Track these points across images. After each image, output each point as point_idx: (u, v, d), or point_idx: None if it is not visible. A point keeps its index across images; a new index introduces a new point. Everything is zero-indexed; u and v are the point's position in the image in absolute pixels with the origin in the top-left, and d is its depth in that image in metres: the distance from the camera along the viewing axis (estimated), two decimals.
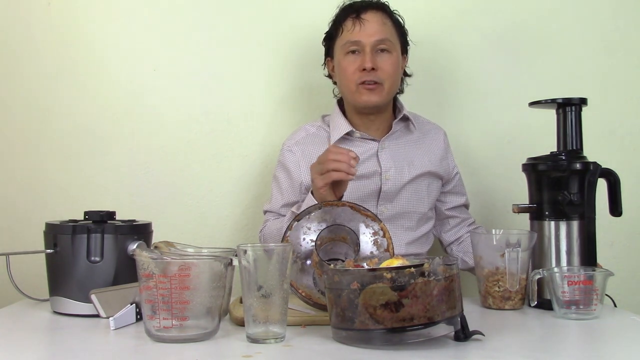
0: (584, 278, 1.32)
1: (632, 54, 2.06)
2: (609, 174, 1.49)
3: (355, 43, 1.67)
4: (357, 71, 1.66)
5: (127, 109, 1.98)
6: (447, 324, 1.06)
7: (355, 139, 1.73)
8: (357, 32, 1.67)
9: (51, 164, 1.97)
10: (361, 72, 1.66)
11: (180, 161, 1.99)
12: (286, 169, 1.74)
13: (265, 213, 1.78)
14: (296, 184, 1.72)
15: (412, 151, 1.75)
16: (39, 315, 1.35)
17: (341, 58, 1.70)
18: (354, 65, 1.67)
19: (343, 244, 1.31)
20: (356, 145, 1.71)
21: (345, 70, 1.69)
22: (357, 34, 1.67)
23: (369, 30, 1.67)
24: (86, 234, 1.33)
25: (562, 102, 1.51)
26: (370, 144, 1.73)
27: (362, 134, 1.72)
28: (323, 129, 1.77)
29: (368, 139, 1.73)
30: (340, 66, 1.70)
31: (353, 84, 1.67)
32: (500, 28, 2.05)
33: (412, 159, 1.73)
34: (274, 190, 1.77)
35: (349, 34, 1.68)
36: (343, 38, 1.70)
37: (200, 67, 2.01)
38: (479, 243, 1.45)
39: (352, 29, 1.68)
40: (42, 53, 1.98)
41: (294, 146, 1.75)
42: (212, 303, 1.11)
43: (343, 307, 1.07)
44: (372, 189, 1.69)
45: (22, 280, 1.45)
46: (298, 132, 1.79)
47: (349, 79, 1.68)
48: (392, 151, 1.72)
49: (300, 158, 1.72)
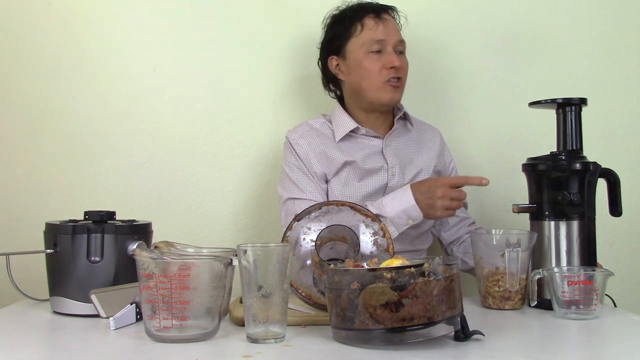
0: (584, 278, 1.32)
1: (632, 54, 2.06)
2: (609, 174, 1.49)
3: (379, 42, 1.69)
4: (383, 69, 1.68)
5: (127, 109, 1.98)
6: (447, 324, 1.06)
7: (360, 136, 1.75)
8: (380, 31, 1.69)
9: (51, 164, 1.97)
10: (388, 69, 1.68)
11: (180, 161, 1.99)
12: (297, 158, 1.72)
13: (293, 200, 1.68)
14: (310, 173, 1.70)
15: (412, 149, 1.78)
16: (39, 315, 1.35)
17: (362, 57, 1.70)
18: (378, 63, 1.69)
19: (343, 244, 1.31)
20: (360, 142, 1.74)
21: (369, 68, 1.69)
22: (381, 33, 1.69)
23: (391, 30, 1.72)
24: (86, 234, 1.33)
25: (562, 102, 1.51)
26: (374, 141, 1.75)
27: (367, 131, 1.74)
28: (326, 125, 1.78)
29: (372, 136, 1.75)
30: (362, 65, 1.70)
31: (380, 82, 1.69)
32: (500, 28, 2.05)
33: (413, 156, 1.76)
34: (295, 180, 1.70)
35: (371, 33, 1.69)
36: (364, 37, 1.70)
37: (200, 67, 2.01)
38: (479, 243, 1.45)
39: (375, 28, 1.70)
40: (42, 53, 1.98)
41: (299, 139, 1.74)
42: (212, 303, 1.11)
43: (343, 307, 1.07)
44: (380, 185, 1.71)
45: (22, 280, 1.46)
46: (302, 126, 1.78)
47: (375, 77, 1.69)
48: (395, 148, 1.75)
49: (307, 150, 1.72)
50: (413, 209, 1.54)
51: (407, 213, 1.54)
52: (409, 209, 1.54)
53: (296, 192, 1.69)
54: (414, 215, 1.54)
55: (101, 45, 1.99)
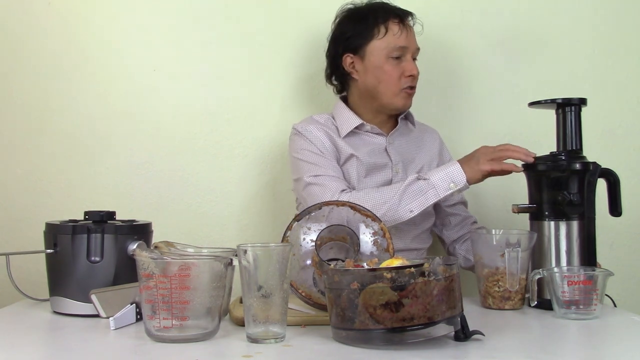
0: (583, 278, 1.32)
1: (632, 54, 2.06)
2: (609, 174, 1.49)
3: (402, 49, 1.70)
4: (402, 77, 1.70)
5: (127, 109, 1.98)
6: (447, 324, 1.06)
7: (364, 133, 1.76)
8: (404, 38, 1.70)
9: (51, 164, 1.97)
10: (407, 77, 1.70)
11: (180, 161, 1.99)
12: (308, 142, 1.70)
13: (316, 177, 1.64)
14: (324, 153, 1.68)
15: (413, 148, 1.80)
16: (39, 315, 1.35)
17: (383, 61, 1.70)
18: (398, 70, 1.70)
19: (343, 244, 1.31)
20: (364, 138, 1.76)
21: (389, 74, 1.70)
22: (404, 40, 1.70)
23: (412, 38, 1.73)
24: (86, 234, 1.33)
25: (562, 102, 1.51)
26: (378, 139, 1.77)
27: (372, 128, 1.76)
28: (330, 121, 1.78)
29: (376, 134, 1.76)
30: (383, 69, 1.70)
31: (397, 89, 1.71)
32: (500, 28, 2.05)
33: (414, 155, 1.79)
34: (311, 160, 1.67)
35: (395, 39, 1.69)
36: (389, 41, 1.70)
37: (200, 67, 2.00)
38: (479, 243, 1.45)
39: (399, 34, 1.70)
40: (42, 53, 1.98)
41: (308, 126, 1.72)
42: (212, 303, 1.11)
43: (343, 307, 1.07)
44: (385, 181, 1.72)
45: (22, 280, 1.46)
46: (307, 120, 1.78)
47: (394, 84, 1.70)
48: (398, 147, 1.77)
49: (318, 135, 1.70)
50: (457, 172, 1.54)
51: (450, 176, 1.55)
52: (453, 172, 1.55)
53: (315, 170, 1.64)
54: (457, 178, 1.54)
55: (101, 45, 1.99)
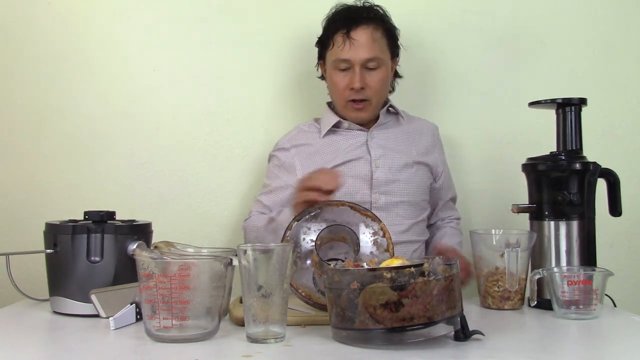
0: (583, 278, 1.32)
1: (632, 54, 2.06)
2: (609, 174, 1.49)
3: (345, 61, 1.70)
4: (346, 89, 1.70)
5: (127, 109, 1.98)
6: (447, 324, 1.06)
7: (344, 130, 1.77)
8: (346, 50, 1.68)
9: (51, 164, 1.97)
10: (350, 90, 1.69)
11: (180, 161, 1.99)
12: (280, 165, 1.78)
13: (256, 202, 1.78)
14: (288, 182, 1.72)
15: (400, 140, 1.78)
16: (39, 315, 1.35)
17: (332, 72, 1.73)
18: (343, 82, 1.71)
19: (343, 244, 1.31)
20: (345, 135, 1.76)
21: (336, 85, 1.73)
22: (346, 53, 1.68)
23: (359, 49, 1.68)
24: (86, 234, 1.33)
25: (562, 102, 1.51)
26: (359, 134, 1.76)
27: (350, 124, 1.76)
28: (314, 126, 1.82)
29: (356, 130, 1.76)
30: (331, 80, 1.74)
31: (343, 100, 1.73)
32: (500, 28, 2.05)
33: (400, 148, 1.76)
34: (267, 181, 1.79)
35: (339, 51, 1.69)
36: (333, 53, 1.72)
37: (200, 67, 2.01)
38: (479, 243, 1.45)
39: (342, 46, 1.69)
40: (41, 53, 1.98)
41: (286, 143, 1.79)
42: (212, 303, 1.11)
43: (343, 307, 1.07)
44: (362, 175, 1.70)
45: (22, 280, 1.45)
46: (292, 131, 1.83)
47: (340, 95, 1.73)
48: (381, 140, 1.76)
49: (294, 154, 1.76)
50: None
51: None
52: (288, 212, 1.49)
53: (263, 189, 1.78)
54: None
55: (101, 45, 1.99)
